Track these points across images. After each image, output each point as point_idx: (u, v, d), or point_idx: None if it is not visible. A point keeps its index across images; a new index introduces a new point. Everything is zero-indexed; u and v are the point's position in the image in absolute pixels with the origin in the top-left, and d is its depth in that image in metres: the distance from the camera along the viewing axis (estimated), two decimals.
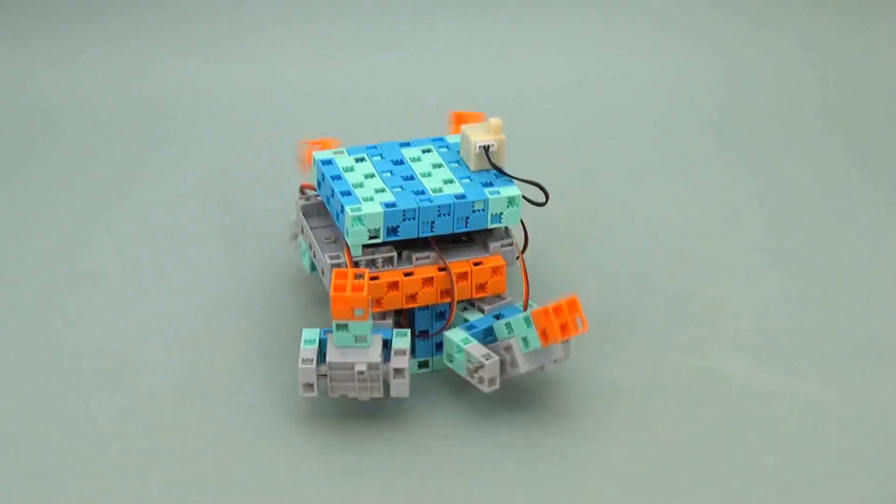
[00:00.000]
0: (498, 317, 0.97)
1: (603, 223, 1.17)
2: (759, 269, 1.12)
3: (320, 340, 0.95)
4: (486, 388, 0.94)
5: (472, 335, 0.96)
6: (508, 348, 0.95)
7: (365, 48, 1.38)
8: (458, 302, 0.98)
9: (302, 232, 1.04)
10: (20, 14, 1.37)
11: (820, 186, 1.23)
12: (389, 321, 0.96)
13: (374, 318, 0.96)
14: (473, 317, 0.98)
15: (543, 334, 0.93)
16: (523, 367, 0.94)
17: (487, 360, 0.94)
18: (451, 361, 0.96)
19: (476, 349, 0.94)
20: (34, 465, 0.93)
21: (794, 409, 0.98)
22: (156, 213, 1.18)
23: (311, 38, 1.38)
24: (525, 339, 0.94)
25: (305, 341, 0.95)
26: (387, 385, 0.94)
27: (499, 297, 0.99)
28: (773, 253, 1.14)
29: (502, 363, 0.95)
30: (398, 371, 0.93)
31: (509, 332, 0.95)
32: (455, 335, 0.96)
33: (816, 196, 1.22)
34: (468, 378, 0.95)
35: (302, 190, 1.06)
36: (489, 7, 1.40)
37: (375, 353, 0.93)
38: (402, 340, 0.95)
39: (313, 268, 1.04)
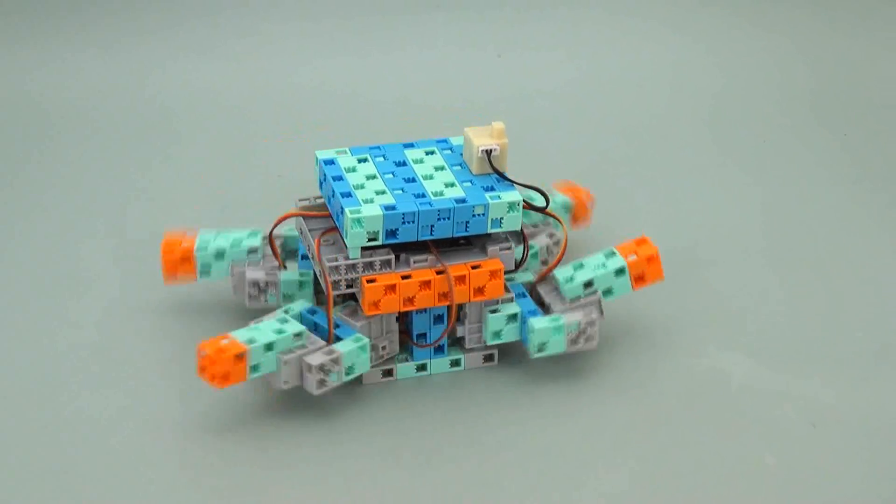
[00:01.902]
0: (495, 311, 0.98)
1: (601, 223, 1.17)
2: (759, 268, 1.12)
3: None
4: (594, 345, 0.98)
5: (529, 313, 0.98)
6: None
7: (365, 48, 1.38)
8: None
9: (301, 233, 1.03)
10: (20, 14, 1.37)
11: (819, 186, 1.23)
12: (360, 324, 0.96)
13: (361, 320, 0.97)
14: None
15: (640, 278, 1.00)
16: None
17: (587, 317, 0.97)
18: (544, 349, 0.97)
19: (570, 316, 0.97)
20: (34, 465, 0.93)
21: (794, 409, 0.98)
22: (155, 213, 1.18)
23: (311, 38, 1.38)
24: (610, 290, 0.99)
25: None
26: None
27: (494, 301, 0.99)
28: (772, 252, 1.14)
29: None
30: (309, 366, 0.94)
31: (588, 290, 0.99)
32: (539, 323, 0.97)
33: (816, 196, 1.21)
34: (570, 349, 0.98)
35: (271, 240, 1.03)
36: (489, 7, 1.40)
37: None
38: (345, 345, 0.95)
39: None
